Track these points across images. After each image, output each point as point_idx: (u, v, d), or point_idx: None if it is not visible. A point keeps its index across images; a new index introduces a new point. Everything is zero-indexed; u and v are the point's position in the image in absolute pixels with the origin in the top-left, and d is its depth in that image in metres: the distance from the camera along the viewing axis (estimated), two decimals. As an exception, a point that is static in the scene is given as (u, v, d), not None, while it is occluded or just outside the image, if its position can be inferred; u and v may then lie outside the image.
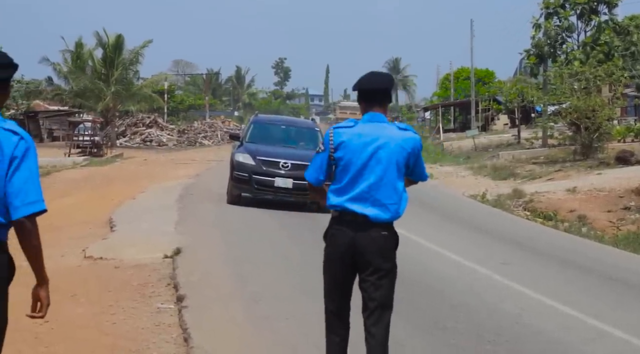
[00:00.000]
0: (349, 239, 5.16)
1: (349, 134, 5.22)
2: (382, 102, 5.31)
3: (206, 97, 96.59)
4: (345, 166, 5.19)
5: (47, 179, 28.20)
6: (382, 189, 5.18)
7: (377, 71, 5.50)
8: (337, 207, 5.21)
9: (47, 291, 4.25)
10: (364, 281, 5.21)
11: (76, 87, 56.56)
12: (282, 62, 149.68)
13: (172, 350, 7.11)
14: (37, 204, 4.01)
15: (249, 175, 17.85)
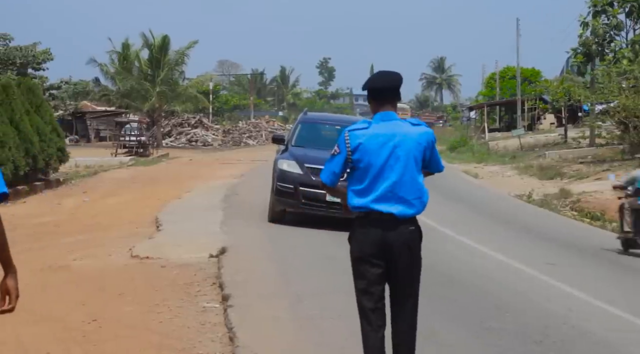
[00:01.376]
0: (378, 238, 5.23)
1: (365, 136, 5.28)
2: (393, 101, 5.40)
3: (251, 97, 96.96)
4: (365, 167, 5.26)
5: (94, 178, 28.53)
6: (405, 186, 5.25)
7: (386, 70, 5.54)
8: (362, 208, 5.27)
9: (16, 281, 4.03)
10: (394, 276, 5.30)
11: (123, 87, 57.13)
12: (326, 62, 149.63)
13: (217, 349, 7.14)
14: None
15: (295, 187, 14.92)
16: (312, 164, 14.69)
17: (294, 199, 14.98)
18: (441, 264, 11.36)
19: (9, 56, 46.00)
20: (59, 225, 16.41)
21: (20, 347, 7.37)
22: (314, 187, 14.36)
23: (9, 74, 43.15)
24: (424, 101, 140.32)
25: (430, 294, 9.34)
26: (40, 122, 25.79)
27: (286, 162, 15.26)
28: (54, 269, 11.08)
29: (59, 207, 20.01)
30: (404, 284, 5.33)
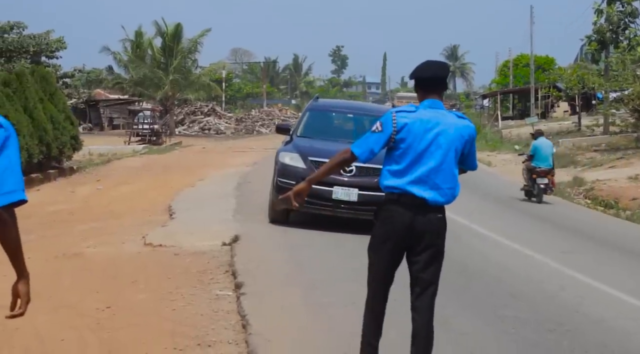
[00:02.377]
0: (407, 221, 5.29)
1: (411, 118, 5.32)
2: (439, 90, 5.45)
3: (264, 85, 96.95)
4: (406, 149, 5.30)
5: (107, 167, 28.60)
6: (441, 174, 5.30)
7: (433, 60, 5.60)
8: (397, 189, 5.33)
9: (27, 286, 3.99)
10: (418, 261, 5.37)
11: (136, 76, 57.23)
12: (339, 50, 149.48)
13: (231, 336, 7.15)
14: (15, 193, 3.75)
15: (297, 183, 14.10)
16: (317, 157, 12.93)
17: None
18: (455, 252, 11.33)
19: (23, 44, 46.05)
20: (73, 213, 16.46)
21: (35, 334, 7.40)
22: (319, 183, 11.79)
23: (23, 63, 43.23)
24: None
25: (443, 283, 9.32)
26: (54, 111, 25.86)
27: (288, 155, 13.51)
28: (68, 257, 11.11)
29: (73, 195, 20.08)
30: (427, 270, 5.39)
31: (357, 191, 12.65)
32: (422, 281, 5.40)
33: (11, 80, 23.75)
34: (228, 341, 7.00)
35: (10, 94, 22.70)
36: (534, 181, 19.95)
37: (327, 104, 16.49)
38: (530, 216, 17.18)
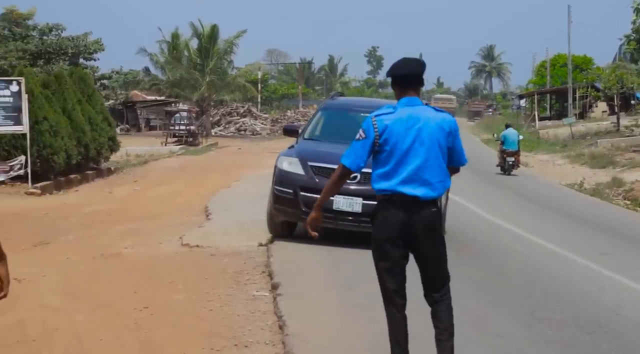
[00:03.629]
0: (402, 220, 5.39)
1: (391, 120, 5.44)
2: (417, 87, 5.56)
3: (299, 86, 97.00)
4: (390, 150, 5.41)
5: (144, 167, 28.81)
6: (429, 169, 5.41)
7: (409, 57, 5.68)
8: (387, 191, 5.43)
9: (6, 268, 4.00)
10: (422, 257, 5.50)
11: (172, 77, 57.54)
12: (374, 50, 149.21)
13: (267, 337, 7.16)
14: None
15: (295, 191, 11.57)
16: (318, 162, 11.57)
17: (293, 207, 11.57)
18: (491, 253, 11.29)
19: (61, 46, 46.54)
20: (111, 213, 16.59)
21: (73, 333, 7.47)
22: (319, 191, 11.40)
23: (61, 64, 43.70)
24: (473, 89, 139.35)
25: (479, 283, 9.29)
26: (92, 112, 26.10)
27: (287, 160, 11.96)
28: (106, 257, 11.20)
29: (111, 195, 20.24)
30: (434, 263, 5.51)
31: (361, 201, 11.05)
32: (432, 275, 5.54)
33: (50, 82, 24.01)
34: (265, 342, 7.01)
35: (49, 95, 22.94)
36: (504, 159, 27.62)
37: (342, 103, 14.43)
38: (568, 217, 17.04)
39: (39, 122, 21.34)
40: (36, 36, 48.40)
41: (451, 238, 12.31)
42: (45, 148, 21.35)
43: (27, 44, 46.21)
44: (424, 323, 5.76)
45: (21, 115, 20.23)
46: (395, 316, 5.55)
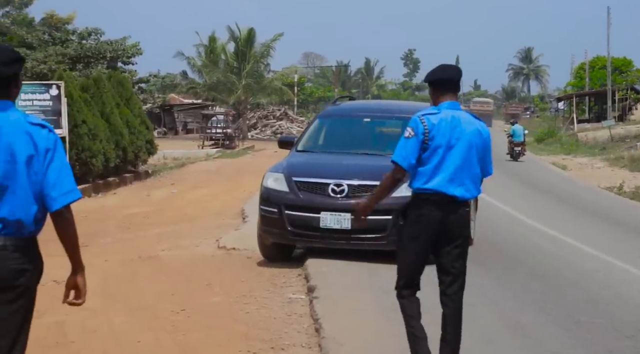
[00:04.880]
0: (438, 218, 5.63)
1: (437, 119, 5.67)
2: (454, 92, 5.84)
3: (335, 89, 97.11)
4: (434, 149, 5.63)
5: (181, 170, 28.98)
6: (466, 171, 5.67)
7: (447, 64, 6.02)
8: (429, 190, 5.63)
9: (84, 277, 4.23)
10: (448, 253, 5.74)
11: (209, 80, 57.83)
12: (411, 53, 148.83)
13: (304, 340, 7.18)
14: (73, 193, 4.05)
15: (279, 210, 10.54)
16: (302, 177, 10.60)
17: (278, 227, 10.51)
18: (528, 256, 11.21)
19: (100, 50, 46.95)
20: (148, 216, 16.72)
21: (112, 335, 7.53)
22: (302, 209, 10.39)
23: (100, 68, 44.07)
24: (510, 91, 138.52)
25: (516, 287, 9.23)
26: (130, 115, 26.31)
27: (272, 177, 10.90)
28: (144, 260, 11.29)
29: (148, 198, 20.40)
30: (458, 261, 5.78)
31: (349, 216, 10.01)
32: (453, 272, 5.77)
33: (89, 86, 24.26)
34: (301, 345, 7.03)
35: (88, 99, 23.18)
36: (512, 148, 35.25)
37: (342, 109, 13.15)
38: (607, 220, 16.86)
39: (78, 126, 21.56)
40: (75, 40, 48.87)
41: (489, 242, 12.25)
42: (84, 151, 21.57)
43: (67, 48, 46.67)
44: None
45: (60, 118, 20.45)
46: (406, 305, 5.85)
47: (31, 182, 3.95)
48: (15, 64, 4.06)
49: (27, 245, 4.04)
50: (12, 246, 3.97)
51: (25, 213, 3.98)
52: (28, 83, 24.19)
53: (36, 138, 3.96)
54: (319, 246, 10.70)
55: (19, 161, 3.92)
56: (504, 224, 14.82)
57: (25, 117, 4.04)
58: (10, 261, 3.97)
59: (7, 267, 3.97)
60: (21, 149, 3.93)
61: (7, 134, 3.94)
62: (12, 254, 3.98)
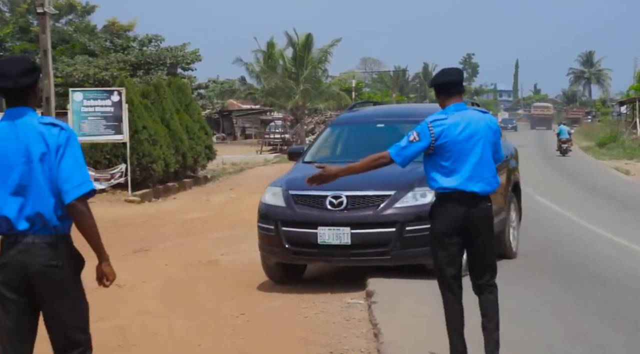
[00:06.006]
0: (462, 215, 5.92)
1: (446, 124, 5.94)
2: (459, 93, 6.10)
3: (393, 94, 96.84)
4: (448, 152, 5.92)
5: (240, 175, 29.15)
6: (484, 166, 5.99)
7: (449, 67, 6.25)
8: (449, 189, 5.93)
9: (109, 266, 4.47)
10: (476, 247, 6.03)
11: (267, 86, 58.11)
12: (469, 57, 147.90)
13: (362, 345, 7.17)
14: (86, 185, 4.28)
15: (276, 227, 9.76)
16: (299, 189, 9.68)
17: (275, 245, 9.73)
18: (591, 263, 11.05)
19: (160, 57, 47.55)
20: (207, 221, 16.85)
21: (172, 339, 7.61)
22: (298, 224, 9.59)
23: (160, 74, 44.62)
24: (571, 95, 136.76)
25: (579, 294, 9.10)
26: (189, 121, 26.57)
27: (272, 190, 10.15)
28: (203, 264, 11.38)
29: (207, 203, 20.55)
30: (484, 256, 6.05)
31: (349, 231, 9.30)
32: (483, 264, 6.05)
33: (149, 92, 24.56)
34: (360, 350, 7.02)
35: (148, 105, 23.46)
36: (560, 145, 41.73)
37: (355, 116, 12.16)
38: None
39: (139, 131, 21.84)
40: (136, 47, 49.57)
41: (551, 248, 12.11)
42: (145, 157, 21.83)
43: (128, 55, 47.36)
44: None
45: (121, 124, 20.74)
46: (453, 303, 6.05)
47: (46, 178, 4.25)
48: (32, 74, 4.37)
49: (57, 242, 4.30)
50: (41, 243, 4.26)
51: (45, 206, 4.25)
52: (90, 89, 24.62)
53: (47, 136, 4.26)
54: (317, 263, 10.12)
55: (34, 159, 4.24)
56: (566, 229, 14.62)
57: (39, 119, 4.35)
58: (40, 257, 4.26)
59: (37, 263, 4.25)
60: (35, 149, 4.24)
61: (22, 137, 4.27)
62: (41, 251, 4.26)
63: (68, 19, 52.58)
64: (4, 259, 4.28)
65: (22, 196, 4.26)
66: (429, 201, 8.84)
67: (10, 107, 4.36)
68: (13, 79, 4.29)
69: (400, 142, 6.02)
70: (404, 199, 9.29)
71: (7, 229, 4.29)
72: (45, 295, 4.28)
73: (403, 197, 9.30)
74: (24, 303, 4.30)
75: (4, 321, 4.31)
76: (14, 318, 4.30)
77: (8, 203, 4.26)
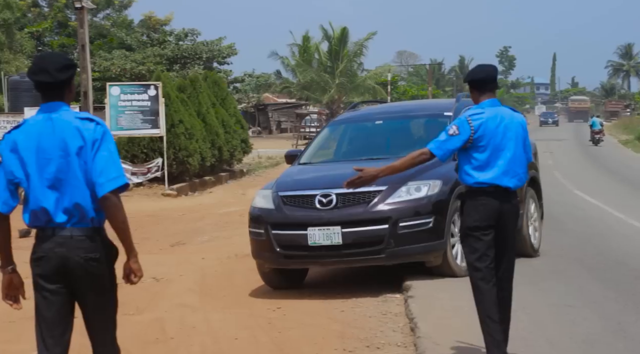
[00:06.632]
0: (495, 209, 6.02)
1: (484, 118, 6.04)
2: (493, 89, 6.21)
3: (429, 87, 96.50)
4: (484, 146, 6.02)
5: (275, 169, 29.19)
6: (517, 162, 6.11)
7: (484, 63, 6.39)
8: (484, 183, 6.02)
9: (138, 262, 4.48)
10: (504, 239, 6.11)
11: (303, 80, 58.19)
12: (506, 50, 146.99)
13: (399, 339, 7.15)
14: (120, 179, 4.36)
15: (266, 230, 9.26)
16: (288, 190, 9.41)
17: (267, 250, 9.26)
18: (630, 259, 10.91)
19: (196, 51, 47.79)
20: (243, 214, 16.83)
21: (210, 331, 7.65)
22: (288, 226, 9.16)
23: (196, 69, 44.83)
24: (609, 88, 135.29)
25: (618, 289, 9.00)
26: (225, 115, 26.67)
27: (261, 194, 9.72)
28: (240, 258, 11.42)
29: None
30: (511, 245, 6.22)
31: (339, 230, 8.86)
32: (509, 255, 6.19)
33: (186, 86, 24.68)
34: (396, 344, 7.01)
35: (185, 99, 23.58)
36: (593, 136, 45.67)
37: (354, 115, 11.73)
38: None
39: (175, 126, 21.96)
40: (172, 41, 49.86)
41: (590, 243, 12.00)
42: (181, 151, 21.95)
43: (164, 49, 47.65)
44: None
45: (158, 118, 20.86)
46: (487, 293, 6.08)
47: (82, 171, 4.34)
48: (69, 70, 4.46)
49: (93, 235, 4.39)
50: (79, 236, 4.35)
51: (82, 198, 4.34)
52: (127, 84, 24.81)
53: (84, 131, 4.36)
54: (308, 267, 9.73)
55: (71, 153, 4.33)
56: (605, 223, 14.47)
57: (75, 114, 4.45)
58: (79, 250, 4.34)
59: (77, 256, 4.33)
60: (72, 143, 4.34)
61: (60, 132, 4.35)
62: (79, 243, 4.35)
63: (105, 14, 52.99)
64: (42, 252, 4.36)
65: (60, 189, 4.34)
66: (424, 194, 8.99)
67: (46, 101, 4.45)
68: (51, 74, 4.37)
69: (439, 137, 6.07)
70: (397, 194, 8.95)
71: (45, 221, 4.36)
72: (82, 286, 4.37)
73: (396, 192, 8.96)
74: (61, 293, 4.38)
75: (43, 312, 4.38)
76: (53, 307, 4.37)
77: (46, 196, 4.34)
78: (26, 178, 4.36)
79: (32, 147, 4.35)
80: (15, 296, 4.47)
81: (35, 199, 4.35)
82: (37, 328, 4.41)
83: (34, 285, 4.40)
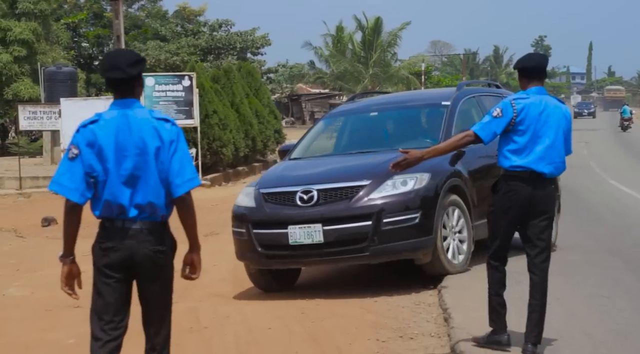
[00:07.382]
0: (528, 193, 6.08)
1: (527, 103, 6.13)
2: (541, 78, 6.30)
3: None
4: (524, 130, 6.10)
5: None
6: (555, 150, 6.15)
7: (534, 52, 6.78)
8: (520, 167, 6.09)
9: (199, 256, 4.71)
10: (535, 226, 6.16)
11: (336, 70, 58.18)
12: (542, 40, 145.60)
13: (432, 329, 7.14)
14: (195, 180, 4.55)
15: (247, 230, 8.92)
16: (269, 187, 9.07)
17: (248, 249, 8.91)
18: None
19: (230, 41, 47.91)
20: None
21: (244, 321, 7.69)
22: (268, 224, 8.81)
23: (230, 59, 44.95)
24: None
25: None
26: (259, 105, 26.73)
27: (245, 192, 9.36)
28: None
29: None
30: (544, 234, 6.19)
31: (320, 227, 8.47)
32: (539, 244, 6.18)
33: (220, 77, 24.77)
34: (430, 334, 7.00)
35: (218, 89, 23.67)
36: (622, 123, 49.19)
37: (351, 107, 11.34)
38: None
39: (209, 116, 22.05)
40: (206, 32, 50.02)
41: (626, 233, 11.88)
42: (215, 141, 22.05)
43: (198, 40, 47.81)
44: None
45: (192, 109, 20.95)
46: (496, 271, 6.35)
47: (158, 171, 4.49)
48: (139, 65, 4.59)
49: (160, 228, 4.57)
50: (147, 230, 4.51)
51: (157, 197, 4.51)
52: (161, 74, 24.92)
53: (161, 131, 4.50)
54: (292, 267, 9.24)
55: (149, 152, 4.47)
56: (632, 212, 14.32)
57: (151, 113, 4.59)
58: (147, 243, 4.52)
59: (146, 248, 4.51)
60: (150, 142, 4.47)
61: (137, 130, 4.49)
62: (147, 237, 4.52)
63: (140, 5, 53.26)
64: (111, 243, 4.52)
65: (135, 185, 4.49)
66: (411, 188, 8.56)
67: (118, 98, 4.58)
68: (123, 70, 4.50)
69: (483, 119, 6.22)
70: (381, 188, 8.52)
71: (117, 213, 4.51)
72: (147, 277, 4.56)
73: (381, 186, 8.54)
74: (123, 281, 4.55)
75: (107, 298, 4.54)
76: (115, 293, 4.54)
77: (122, 191, 4.49)
78: (104, 172, 4.49)
79: (111, 142, 4.48)
80: (72, 286, 4.60)
81: (110, 193, 4.49)
82: (93, 316, 4.55)
83: (97, 273, 4.56)
